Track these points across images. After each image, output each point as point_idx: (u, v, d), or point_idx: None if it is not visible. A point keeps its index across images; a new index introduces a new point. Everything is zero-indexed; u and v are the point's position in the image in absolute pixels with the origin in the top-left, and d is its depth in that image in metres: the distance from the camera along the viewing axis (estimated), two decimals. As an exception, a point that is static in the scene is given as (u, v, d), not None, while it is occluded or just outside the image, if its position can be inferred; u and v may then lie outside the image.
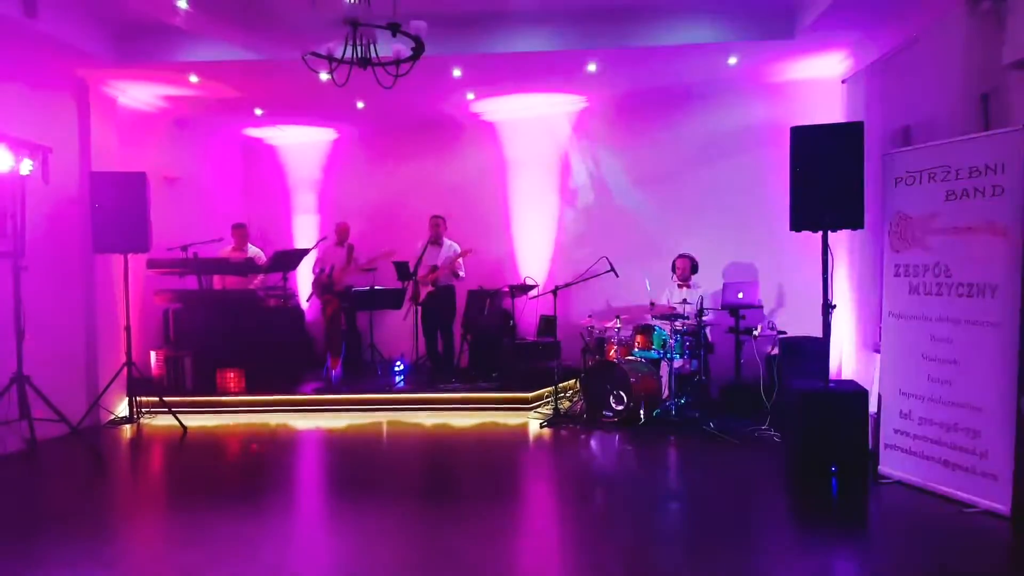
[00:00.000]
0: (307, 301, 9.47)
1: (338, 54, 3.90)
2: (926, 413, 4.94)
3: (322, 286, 8.86)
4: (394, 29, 3.73)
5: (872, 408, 5.37)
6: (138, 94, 7.98)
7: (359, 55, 3.82)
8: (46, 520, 4.77)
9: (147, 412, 7.51)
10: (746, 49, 6.85)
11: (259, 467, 6.16)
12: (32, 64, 6.66)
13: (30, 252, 6.21)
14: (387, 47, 4.10)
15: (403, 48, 3.99)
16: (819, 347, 5.86)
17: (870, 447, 5.29)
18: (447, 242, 8.62)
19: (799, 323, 7.25)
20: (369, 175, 10.24)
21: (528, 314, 9.09)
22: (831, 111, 7.30)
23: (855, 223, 5.37)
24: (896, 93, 6.06)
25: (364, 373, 9.10)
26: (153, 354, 8.24)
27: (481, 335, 8.88)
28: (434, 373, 8.57)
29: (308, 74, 6.95)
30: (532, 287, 8.79)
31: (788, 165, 5.54)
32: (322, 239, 9.48)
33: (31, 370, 6.05)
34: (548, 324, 8.87)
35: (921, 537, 4.35)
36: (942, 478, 4.80)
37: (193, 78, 7.34)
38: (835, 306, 5.61)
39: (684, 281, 7.80)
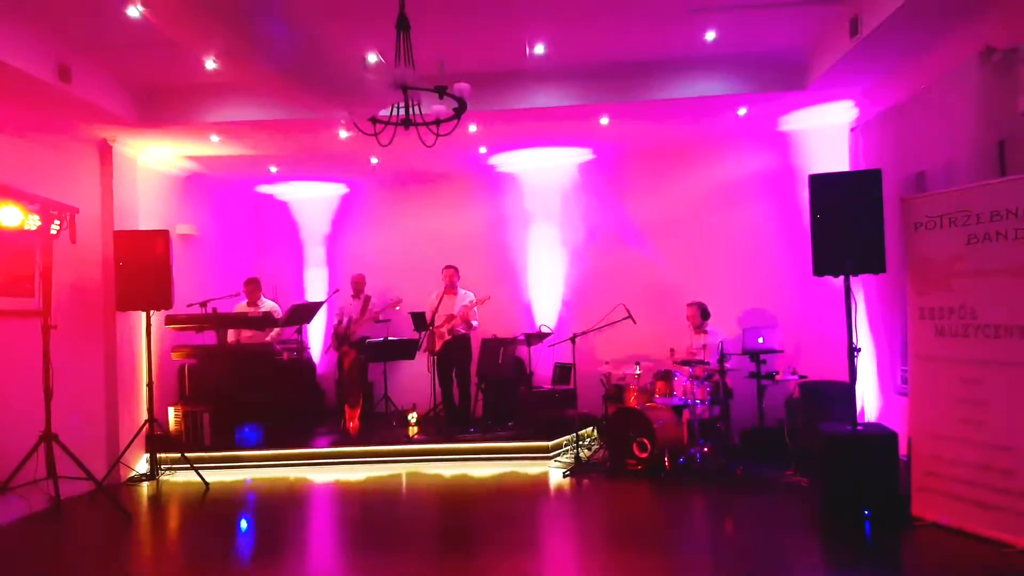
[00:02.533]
0: (325, 353, 9.50)
1: (382, 115, 4.03)
2: (958, 455, 4.97)
3: (339, 338, 8.88)
4: (441, 92, 3.87)
5: (902, 450, 5.39)
6: (159, 154, 8.10)
7: (405, 116, 3.95)
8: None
9: (167, 468, 7.46)
10: (757, 100, 6.98)
11: (289, 522, 6.10)
12: (60, 127, 6.78)
13: (55, 311, 6.25)
14: (426, 106, 4.24)
15: (443, 108, 4.12)
16: (841, 391, 5.92)
17: (902, 490, 5.30)
18: (462, 291, 8.66)
19: (818, 367, 7.31)
20: (380, 227, 10.34)
21: (543, 362, 9.12)
22: (837, 158, 7.45)
23: (876, 268, 5.47)
24: (909, 140, 6.19)
25: (379, 424, 9.07)
26: (171, 410, 8.21)
27: (495, 384, 8.88)
28: (449, 423, 8.54)
29: (328, 132, 7.23)
30: (547, 335, 8.83)
31: (798, 211, 5.67)
32: (335, 291, 9.56)
33: (55, 428, 6.03)
34: (563, 372, 8.87)
35: (961, 579, 4.35)
36: (978, 519, 4.81)
37: (215, 138, 7.48)
38: (860, 349, 5.67)
39: (697, 328, 7.85)
